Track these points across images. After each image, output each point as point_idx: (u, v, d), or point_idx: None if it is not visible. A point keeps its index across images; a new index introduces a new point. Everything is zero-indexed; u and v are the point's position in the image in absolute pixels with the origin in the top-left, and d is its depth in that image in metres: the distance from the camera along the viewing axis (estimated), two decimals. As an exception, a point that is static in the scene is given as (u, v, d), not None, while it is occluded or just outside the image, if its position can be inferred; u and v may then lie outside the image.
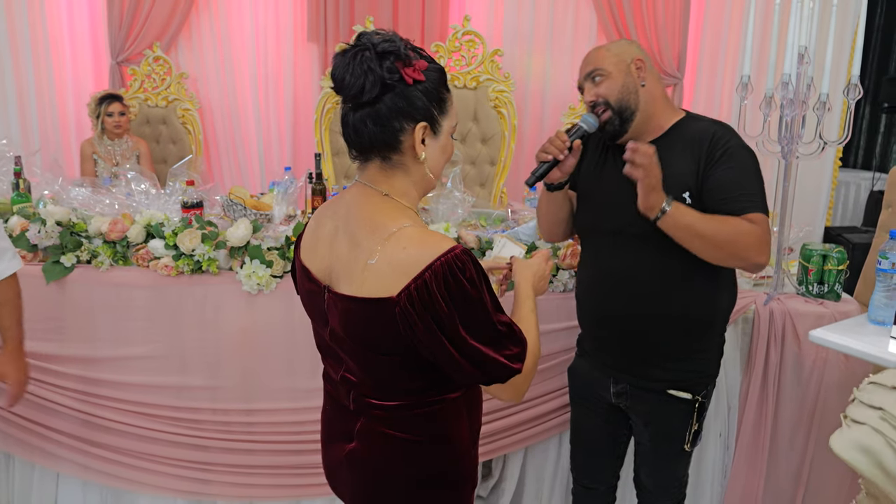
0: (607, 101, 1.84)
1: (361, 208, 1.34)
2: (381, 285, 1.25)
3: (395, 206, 1.33)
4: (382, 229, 1.28)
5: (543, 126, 4.62)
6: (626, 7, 4.38)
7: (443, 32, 4.48)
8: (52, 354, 2.45)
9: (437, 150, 1.36)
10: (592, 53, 1.89)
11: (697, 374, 1.91)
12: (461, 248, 1.26)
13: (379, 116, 1.27)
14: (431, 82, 1.30)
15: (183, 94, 4.63)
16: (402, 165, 1.33)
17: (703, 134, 1.81)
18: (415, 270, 1.23)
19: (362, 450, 1.43)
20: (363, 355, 1.35)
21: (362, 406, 1.41)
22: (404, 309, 1.24)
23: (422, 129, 1.30)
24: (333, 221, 1.39)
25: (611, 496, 2.19)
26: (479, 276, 1.27)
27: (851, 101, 2.31)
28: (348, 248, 1.32)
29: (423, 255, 1.23)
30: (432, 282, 1.22)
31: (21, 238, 2.45)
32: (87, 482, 2.58)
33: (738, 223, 1.72)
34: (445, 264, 1.22)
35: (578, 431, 2.15)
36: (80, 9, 4.85)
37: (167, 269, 2.38)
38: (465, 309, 1.24)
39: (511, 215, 2.91)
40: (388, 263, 1.25)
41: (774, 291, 2.44)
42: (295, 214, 2.79)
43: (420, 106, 1.29)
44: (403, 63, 1.27)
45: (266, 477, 2.49)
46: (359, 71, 1.25)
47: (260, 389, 2.43)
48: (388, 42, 1.26)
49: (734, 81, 4.32)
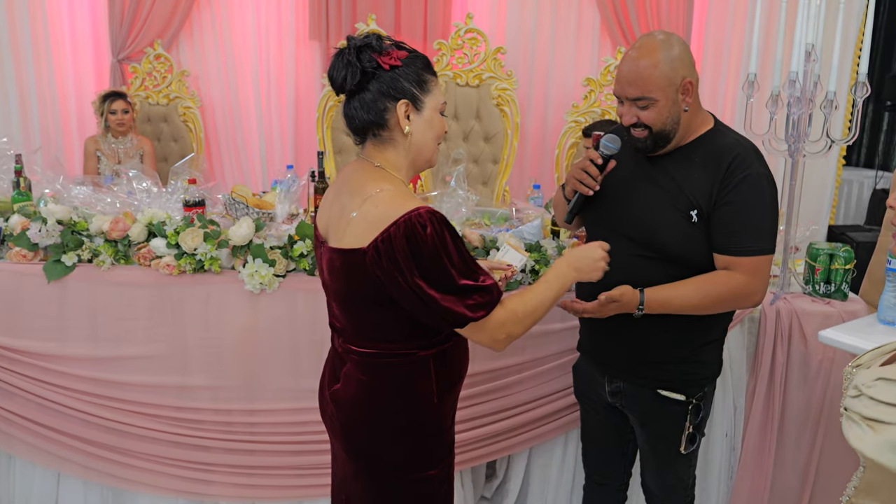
0: (649, 127, 1.76)
1: (355, 176, 1.57)
2: (356, 238, 1.47)
3: (383, 174, 1.54)
4: (365, 190, 1.50)
5: (546, 124, 4.61)
6: (629, 4, 4.36)
7: (445, 30, 4.46)
8: (53, 354, 2.44)
9: (422, 125, 1.55)
10: (642, 70, 1.71)
11: (691, 375, 1.89)
12: (428, 208, 1.45)
13: (365, 101, 1.51)
14: (410, 66, 1.52)
15: (184, 92, 4.62)
16: (392, 140, 1.55)
17: (726, 153, 1.76)
18: (383, 225, 1.43)
19: (343, 391, 1.63)
20: (344, 303, 1.59)
21: (345, 350, 1.63)
22: (373, 258, 1.44)
23: (404, 105, 1.51)
24: (336, 187, 1.63)
25: (622, 494, 2.18)
26: (443, 234, 1.44)
27: (859, 99, 2.29)
28: (339, 208, 1.56)
29: (391, 212, 1.43)
30: (396, 235, 1.41)
31: (22, 237, 2.44)
32: (87, 482, 2.57)
33: (724, 281, 1.75)
34: (409, 220, 1.42)
35: (587, 428, 2.15)
36: (81, 6, 4.83)
37: (169, 268, 2.36)
38: (423, 261, 1.43)
39: (515, 214, 2.89)
40: (364, 218, 1.47)
41: (781, 291, 2.43)
42: (298, 213, 2.77)
43: (400, 87, 1.51)
44: (379, 53, 1.50)
45: (268, 478, 2.48)
46: (341, 65, 1.50)
47: (262, 389, 2.42)
48: (365, 38, 1.51)
49: (738, 79, 4.30)
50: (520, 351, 2.39)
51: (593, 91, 4.08)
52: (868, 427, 1.07)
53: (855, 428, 1.10)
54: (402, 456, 1.62)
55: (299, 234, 2.39)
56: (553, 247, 2.43)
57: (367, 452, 1.63)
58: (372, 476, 1.65)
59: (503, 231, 2.59)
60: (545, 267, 2.35)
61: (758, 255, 1.75)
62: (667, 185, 1.80)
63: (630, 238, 1.82)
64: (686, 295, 1.74)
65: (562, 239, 2.55)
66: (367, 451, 1.63)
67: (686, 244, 1.77)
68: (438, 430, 1.65)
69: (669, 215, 1.78)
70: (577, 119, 4.11)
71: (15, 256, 2.44)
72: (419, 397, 1.60)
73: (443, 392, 1.63)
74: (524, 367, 2.40)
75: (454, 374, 1.66)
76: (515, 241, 2.24)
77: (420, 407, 1.60)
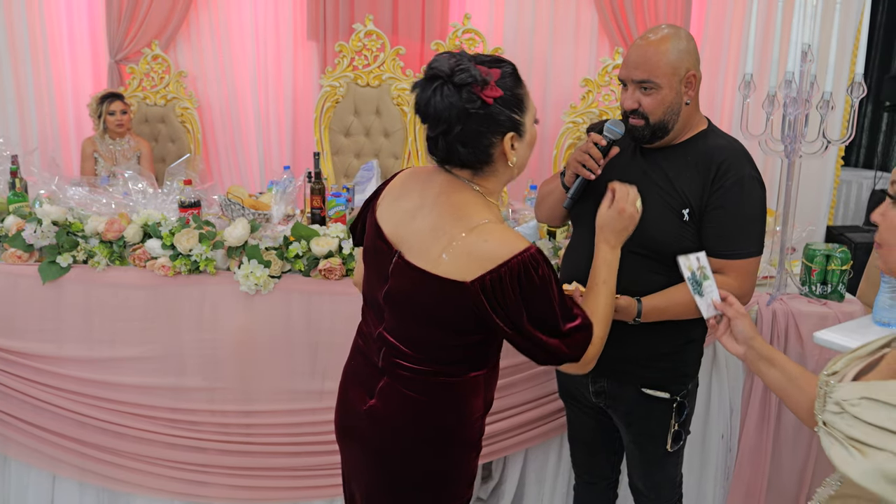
0: (647, 117, 1.76)
1: (451, 196, 1.43)
2: (456, 269, 1.37)
3: (483, 202, 1.44)
4: (468, 220, 1.39)
5: (544, 124, 4.59)
6: (627, 5, 4.35)
7: (443, 30, 4.45)
8: (48, 355, 2.44)
9: (525, 149, 1.45)
10: (651, 55, 1.73)
11: (673, 373, 1.89)
12: (535, 248, 1.37)
13: (467, 139, 1.37)
14: (508, 90, 1.37)
15: (182, 93, 4.61)
16: (494, 171, 1.44)
17: (717, 155, 1.76)
18: (491, 264, 1.34)
19: (382, 407, 1.52)
20: (411, 321, 1.47)
21: (390, 365, 1.51)
22: (475, 295, 1.36)
23: (510, 139, 1.40)
24: (421, 198, 1.48)
25: (612, 492, 2.18)
26: (550, 275, 1.38)
27: (855, 100, 2.29)
28: (430, 227, 1.42)
29: (502, 251, 1.35)
30: (507, 276, 1.34)
31: (17, 238, 2.43)
32: (83, 484, 2.56)
33: None
34: (521, 263, 1.34)
35: (573, 428, 2.14)
36: (78, 7, 4.82)
37: (164, 269, 2.36)
38: (532, 303, 1.36)
39: (512, 214, 2.89)
40: (468, 251, 1.36)
41: (777, 292, 2.42)
42: (294, 214, 2.76)
43: (503, 119, 1.38)
44: (481, 87, 1.34)
45: (264, 479, 2.48)
46: (441, 106, 1.33)
47: (258, 391, 2.41)
48: (462, 71, 1.33)
49: (736, 79, 4.30)
50: (513, 353, 2.37)
51: (591, 92, 4.08)
52: (855, 450, 1.03)
53: (839, 448, 1.06)
54: (437, 476, 1.56)
55: (295, 235, 2.38)
56: (549, 248, 2.43)
57: (399, 475, 1.55)
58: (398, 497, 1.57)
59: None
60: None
61: (748, 258, 1.77)
62: (660, 182, 1.80)
63: None
64: (683, 302, 1.73)
65: (558, 240, 2.54)
66: (398, 474, 1.55)
67: (677, 242, 1.76)
68: (475, 443, 1.60)
69: (661, 212, 1.77)
70: (575, 120, 4.10)
71: (10, 257, 2.44)
72: (466, 412, 1.54)
73: (487, 405, 1.60)
74: (519, 369, 2.39)
75: (492, 393, 1.63)
76: None
77: (466, 421, 1.54)
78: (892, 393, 1.02)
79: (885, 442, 1.00)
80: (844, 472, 1.03)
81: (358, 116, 4.25)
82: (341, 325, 2.30)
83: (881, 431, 1.01)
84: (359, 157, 4.28)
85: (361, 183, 3.56)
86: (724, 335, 1.47)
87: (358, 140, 4.28)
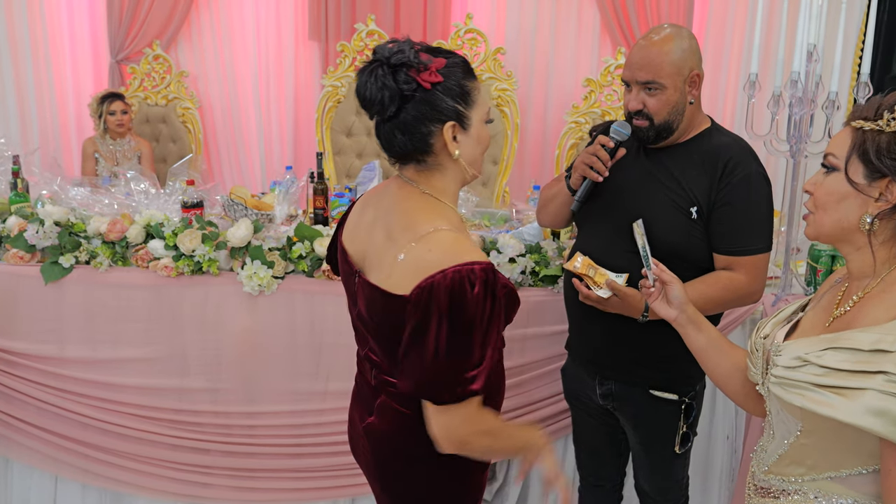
0: (652, 118, 1.76)
1: (401, 203, 1.38)
2: (402, 282, 1.29)
3: (433, 204, 1.37)
4: (417, 228, 1.32)
5: (546, 125, 4.59)
6: (629, 5, 4.34)
7: (445, 30, 4.45)
8: (51, 357, 2.43)
9: (470, 144, 1.37)
10: (654, 55, 1.73)
11: (681, 374, 1.88)
12: (483, 265, 1.26)
13: (405, 126, 1.31)
14: (452, 79, 1.32)
15: (183, 93, 4.60)
16: (438, 165, 1.37)
17: (723, 153, 1.77)
18: (429, 272, 1.25)
19: (379, 423, 1.49)
20: (385, 340, 1.40)
21: (381, 383, 1.47)
22: (413, 306, 1.27)
23: (450, 128, 1.33)
24: (375, 211, 1.44)
25: (617, 494, 2.17)
26: (486, 298, 1.26)
27: (861, 100, 2.28)
28: (383, 239, 1.37)
29: (442, 260, 1.26)
30: (439, 286, 1.24)
31: (19, 238, 2.42)
32: (85, 485, 2.55)
33: (726, 283, 1.77)
34: (456, 274, 1.24)
35: (578, 431, 2.13)
36: (79, 7, 4.82)
37: (167, 269, 2.35)
38: (454, 322, 1.25)
39: (515, 215, 2.88)
40: (414, 262, 1.29)
41: (782, 292, 2.41)
42: (297, 214, 2.76)
43: (444, 107, 1.31)
44: (417, 70, 1.29)
45: (267, 480, 2.47)
46: (375, 87, 1.29)
47: (261, 392, 2.41)
48: (399, 53, 1.29)
49: (739, 80, 4.29)
50: (518, 354, 2.37)
51: (593, 91, 4.07)
52: (834, 395, 1.10)
53: (814, 395, 1.12)
54: (442, 492, 1.52)
55: (298, 235, 2.38)
56: (553, 248, 2.42)
57: (403, 492, 1.52)
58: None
59: (503, 232, 2.58)
60: (545, 268, 2.34)
61: (758, 254, 1.77)
62: (667, 182, 1.79)
63: (627, 236, 1.80)
64: (692, 298, 1.72)
65: (562, 240, 2.53)
66: (402, 491, 1.52)
67: (686, 241, 1.76)
68: (475, 464, 1.52)
69: (669, 211, 1.77)
70: (577, 120, 4.09)
71: (12, 258, 2.43)
72: None
73: None
74: (524, 370, 2.38)
75: (494, 405, 1.53)
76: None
77: None
78: (851, 340, 1.11)
79: (864, 381, 1.08)
80: (829, 415, 1.10)
81: (360, 116, 4.24)
82: (345, 325, 2.26)
83: (855, 374, 1.09)
84: (361, 158, 4.27)
85: (363, 183, 3.54)
86: (657, 300, 1.50)
87: (360, 140, 4.28)
